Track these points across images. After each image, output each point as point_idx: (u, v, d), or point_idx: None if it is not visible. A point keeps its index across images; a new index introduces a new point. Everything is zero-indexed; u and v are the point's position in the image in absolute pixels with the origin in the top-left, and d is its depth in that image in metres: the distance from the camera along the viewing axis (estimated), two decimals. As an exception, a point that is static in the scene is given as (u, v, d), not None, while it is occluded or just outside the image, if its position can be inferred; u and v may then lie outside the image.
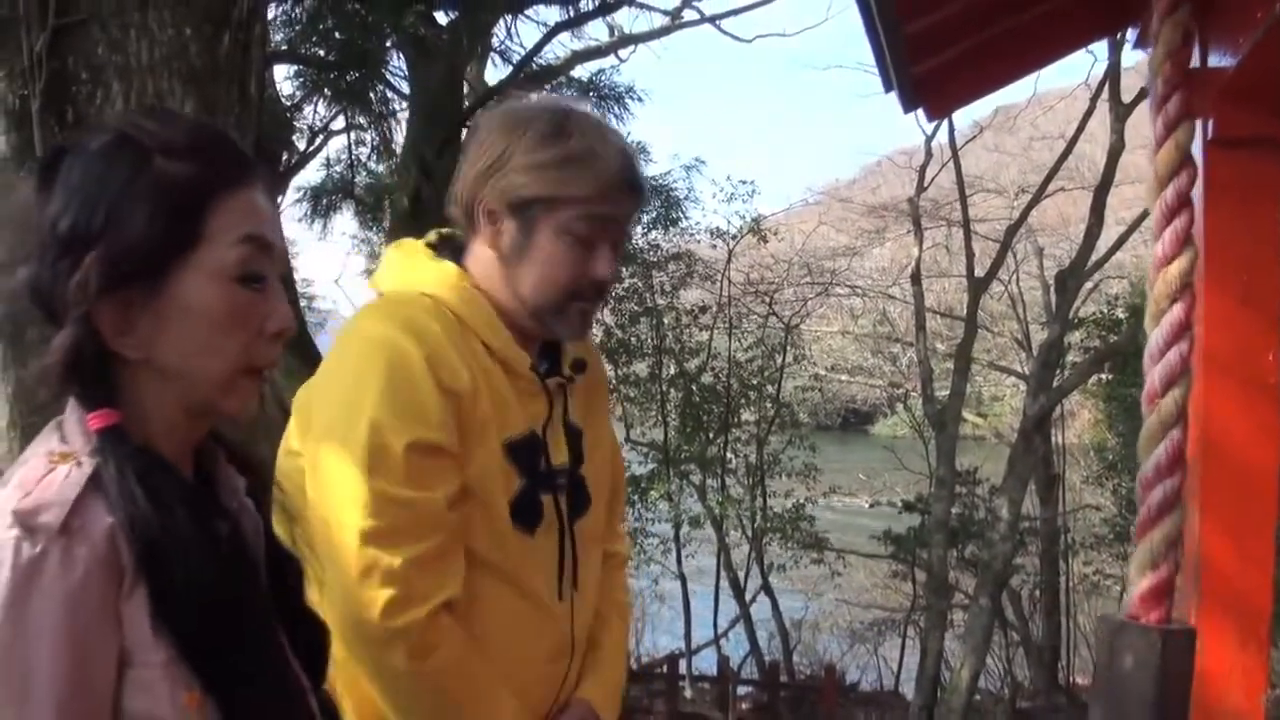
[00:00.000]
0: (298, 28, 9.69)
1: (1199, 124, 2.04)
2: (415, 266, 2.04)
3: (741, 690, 13.91)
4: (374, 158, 12.18)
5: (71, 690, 1.11)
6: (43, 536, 1.11)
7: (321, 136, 12.07)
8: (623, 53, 13.72)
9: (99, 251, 1.19)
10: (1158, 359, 1.48)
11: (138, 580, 1.16)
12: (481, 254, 2.00)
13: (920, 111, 3.07)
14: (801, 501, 16.11)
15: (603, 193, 1.93)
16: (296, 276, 10.84)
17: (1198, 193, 1.95)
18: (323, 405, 1.93)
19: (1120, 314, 15.31)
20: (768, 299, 18.13)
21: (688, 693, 14.39)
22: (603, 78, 12.46)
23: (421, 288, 1.99)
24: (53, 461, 1.18)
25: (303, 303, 11.23)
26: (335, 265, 48.97)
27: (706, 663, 16.13)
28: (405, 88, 10.99)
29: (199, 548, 1.20)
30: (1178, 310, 1.48)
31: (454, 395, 1.87)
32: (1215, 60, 2.26)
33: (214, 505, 1.32)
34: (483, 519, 1.93)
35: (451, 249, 2.06)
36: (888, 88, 2.82)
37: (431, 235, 2.11)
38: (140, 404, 1.24)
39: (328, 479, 1.85)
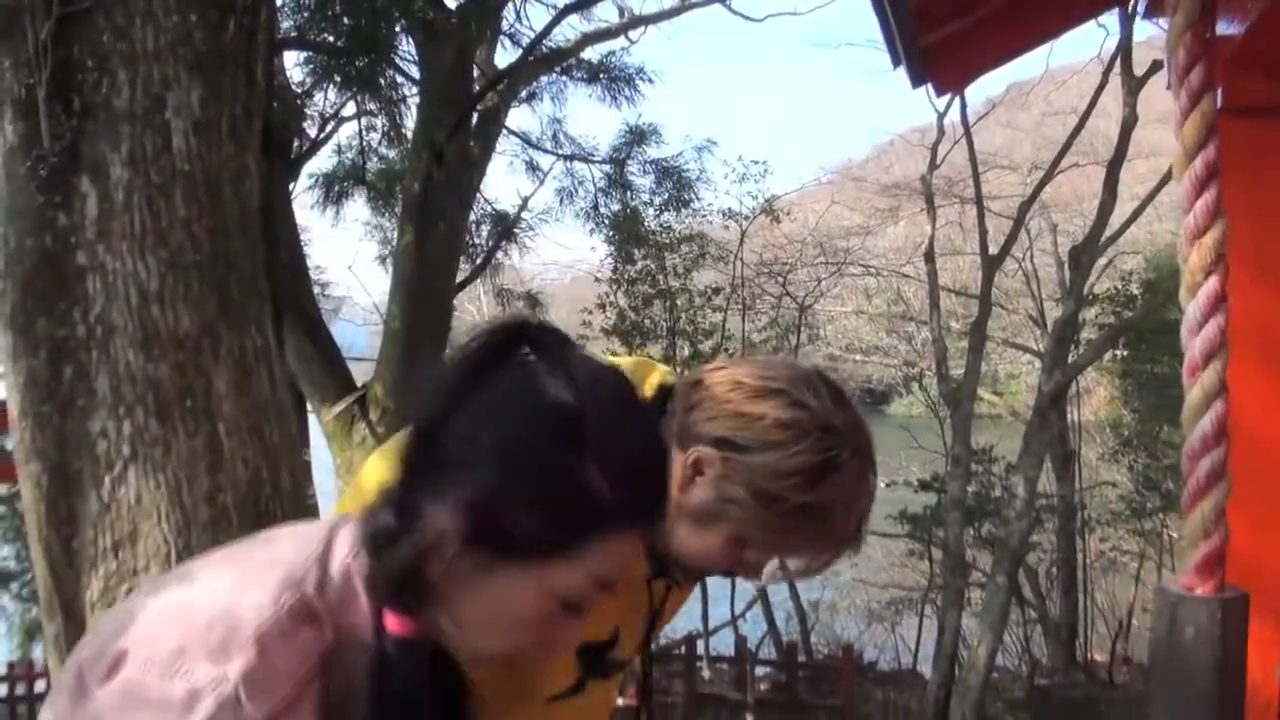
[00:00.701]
0: (306, 13, 9.68)
1: (1207, 93, 2.03)
2: None
3: (759, 671, 13.93)
4: (385, 143, 12.18)
5: None
6: (247, 714, 1.09)
7: (332, 123, 12.09)
8: (633, 34, 13.67)
9: (480, 512, 1.16)
10: (1196, 331, 1.46)
11: None
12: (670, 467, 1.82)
13: (929, 86, 3.06)
14: (817, 482, 16.08)
15: (807, 552, 1.78)
16: (310, 263, 10.86)
17: (1210, 163, 1.94)
18: None
19: (1135, 289, 15.26)
20: (781, 279, 18.12)
21: (705, 673, 14.41)
22: (613, 59, 12.44)
23: None
24: (300, 617, 1.16)
25: (316, 290, 11.23)
26: (348, 252, 49.04)
27: (724, 644, 16.17)
28: (415, 72, 10.98)
29: None
30: (1213, 282, 1.47)
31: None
32: (1223, 29, 2.25)
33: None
34: (511, 691, 1.81)
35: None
36: (896, 63, 2.81)
37: (653, 384, 1.87)
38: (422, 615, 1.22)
39: None
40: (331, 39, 10.15)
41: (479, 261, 12.49)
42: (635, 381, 1.76)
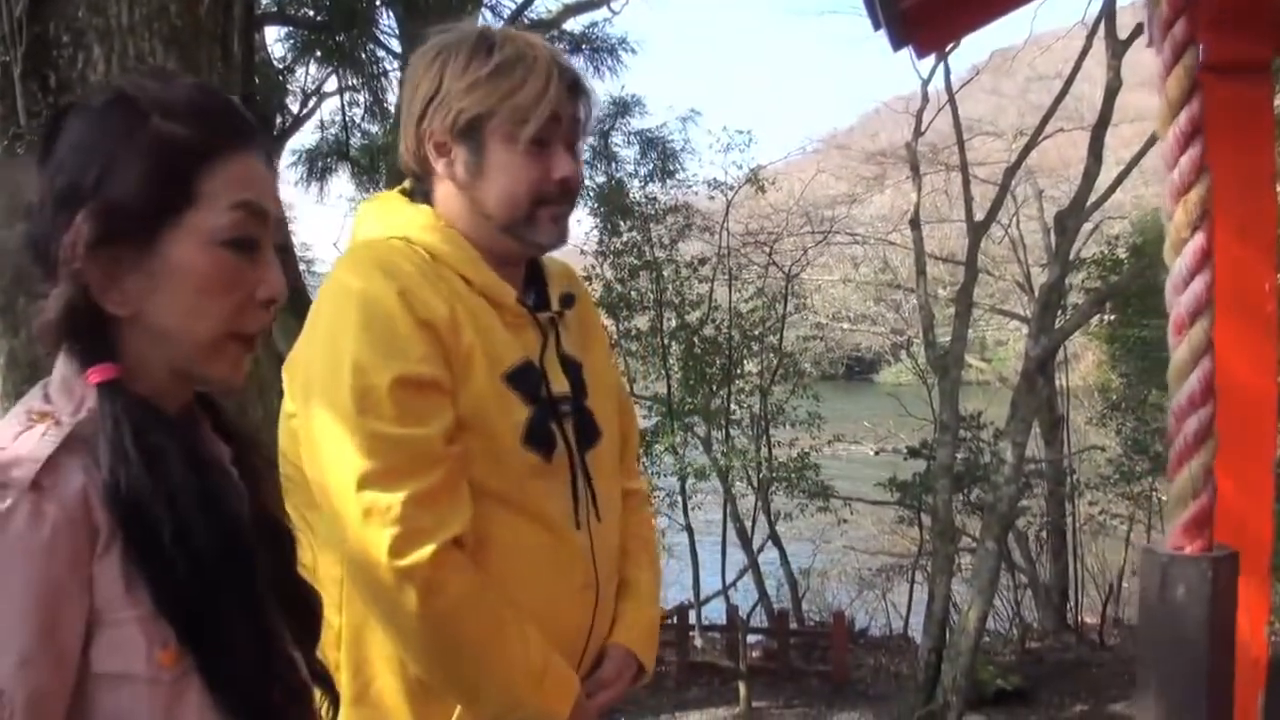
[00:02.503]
0: (285, -12, 9.62)
1: (1189, 50, 2.02)
2: (389, 213, 2.04)
3: (751, 639, 13.99)
4: (368, 118, 12.13)
5: (36, 646, 1.10)
6: (12, 492, 1.11)
7: (315, 99, 12.03)
8: (615, 4, 13.60)
9: (90, 209, 1.20)
10: (1182, 289, 1.45)
11: (113, 539, 1.16)
12: (443, 191, 2.01)
13: (910, 49, 3.04)
14: (806, 451, 16.13)
15: (542, 92, 1.93)
16: (295, 240, 10.82)
17: (1192, 120, 1.92)
18: (306, 360, 1.93)
19: (1121, 254, 15.26)
20: (767, 249, 18.06)
21: (698, 642, 14.48)
22: (595, 30, 12.39)
23: (394, 232, 1.98)
24: (31, 419, 1.19)
25: (303, 266, 11.21)
26: (333, 228, 48.93)
27: (716, 613, 16.21)
28: (396, 46, 10.93)
29: (190, 501, 1.20)
30: (1199, 239, 1.46)
31: (432, 328, 1.85)
32: (1205, -15, 2.24)
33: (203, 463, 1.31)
34: (488, 451, 1.92)
35: (425, 195, 2.05)
36: (876, 26, 2.79)
37: (407, 183, 2.10)
38: (130, 362, 1.24)
39: (320, 429, 1.85)
40: (311, 13, 10.09)
41: (465, 235, 12.41)
42: (392, 189, 2.14)
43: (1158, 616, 1.46)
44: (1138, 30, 11.41)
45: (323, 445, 1.84)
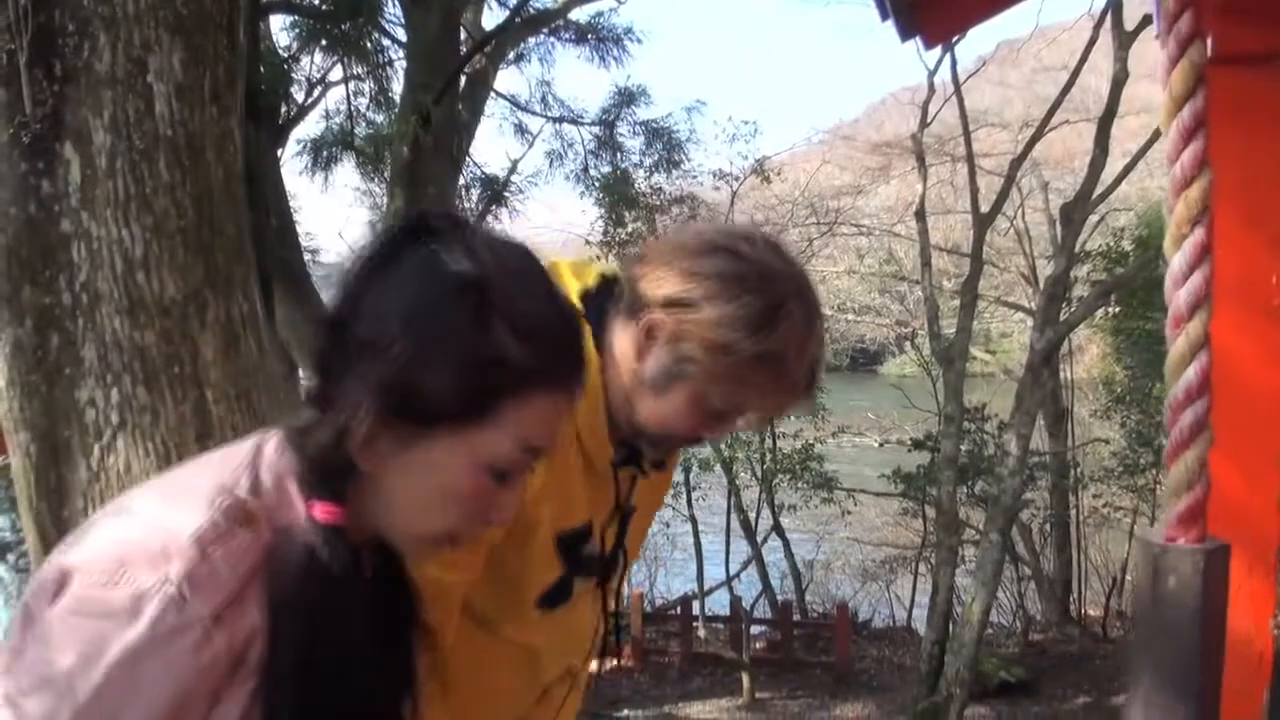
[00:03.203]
0: (291, -23, 9.61)
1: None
2: None
3: (755, 630, 14.03)
4: (373, 108, 12.11)
5: None
6: (191, 611, 1.10)
7: (319, 88, 12.00)
8: (621, -6, 13.57)
9: (386, 383, 1.16)
10: (1181, 284, 1.45)
11: (254, 675, 1.15)
12: (622, 342, 1.81)
13: (918, 40, 3.03)
14: (810, 442, 16.14)
15: (770, 406, 1.81)
16: (300, 229, 10.81)
17: (1199, 113, 1.92)
18: None
19: (1126, 246, 15.24)
20: (772, 240, 18.02)
21: (701, 633, 14.52)
22: (601, 20, 12.37)
23: None
24: (236, 519, 1.16)
25: (307, 256, 11.16)
26: (338, 217, 48.78)
27: (719, 604, 16.25)
28: (402, 35, 10.92)
29: (343, 686, 1.21)
30: (1199, 234, 1.46)
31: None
32: (1214, -24, 2.23)
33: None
34: (502, 593, 1.89)
35: (601, 303, 1.84)
36: (884, 16, 2.78)
37: (594, 275, 1.89)
38: (349, 504, 1.22)
39: None
40: (317, 2, 10.08)
41: (469, 225, 12.42)
42: (577, 276, 1.86)
43: (1150, 605, 1.47)
44: (1144, 22, 11.40)
45: None
